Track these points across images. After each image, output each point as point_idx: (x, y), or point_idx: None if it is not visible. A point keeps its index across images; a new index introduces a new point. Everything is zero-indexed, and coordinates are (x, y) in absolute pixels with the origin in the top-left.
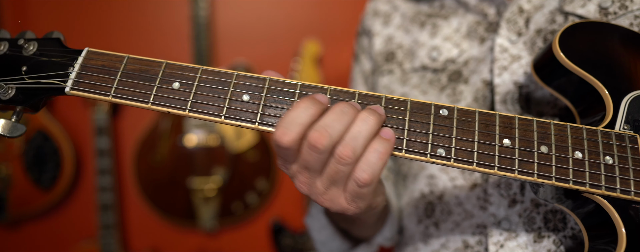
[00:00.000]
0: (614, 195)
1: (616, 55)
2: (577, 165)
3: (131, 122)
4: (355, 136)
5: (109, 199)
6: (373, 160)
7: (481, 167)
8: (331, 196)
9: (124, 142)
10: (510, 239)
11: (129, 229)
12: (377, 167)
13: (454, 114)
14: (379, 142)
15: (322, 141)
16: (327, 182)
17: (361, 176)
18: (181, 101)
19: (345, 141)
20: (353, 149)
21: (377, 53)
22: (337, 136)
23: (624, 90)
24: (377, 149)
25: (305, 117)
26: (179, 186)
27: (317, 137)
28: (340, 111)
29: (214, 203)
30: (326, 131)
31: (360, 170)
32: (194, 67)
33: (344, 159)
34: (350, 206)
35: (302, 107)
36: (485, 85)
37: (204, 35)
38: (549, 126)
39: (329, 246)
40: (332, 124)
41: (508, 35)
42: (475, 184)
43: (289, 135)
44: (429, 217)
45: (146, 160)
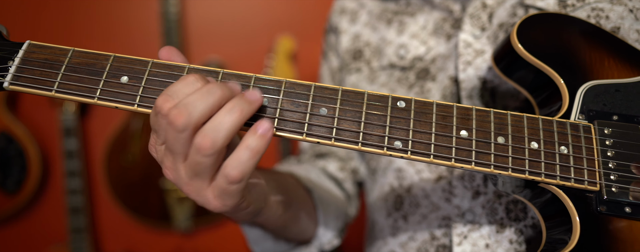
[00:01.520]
0: (568, 184)
1: (572, 47)
2: (533, 155)
3: (101, 122)
4: (216, 127)
5: (79, 202)
6: (244, 158)
7: (438, 159)
8: (196, 187)
9: (94, 142)
10: (474, 230)
11: (101, 233)
12: (249, 166)
13: (412, 106)
14: (253, 139)
15: (180, 119)
16: (190, 172)
17: (231, 172)
18: (130, 96)
19: (204, 131)
20: (212, 141)
21: (345, 51)
22: (197, 117)
23: (579, 81)
24: (249, 145)
25: (191, 89)
26: (152, 187)
27: (175, 114)
28: (206, 90)
29: (188, 203)
30: (186, 109)
31: (230, 167)
32: (144, 61)
33: (202, 150)
34: (216, 201)
35: (190, 79)
36: (451, 82)
37: (174, 32)
38: (506, 116)
39: (262, 245)
40: (194, 102)
41: (472, 30)
42: (441, 177)
43: (170, 102)
44: (397, 210)
45: (117, 161)
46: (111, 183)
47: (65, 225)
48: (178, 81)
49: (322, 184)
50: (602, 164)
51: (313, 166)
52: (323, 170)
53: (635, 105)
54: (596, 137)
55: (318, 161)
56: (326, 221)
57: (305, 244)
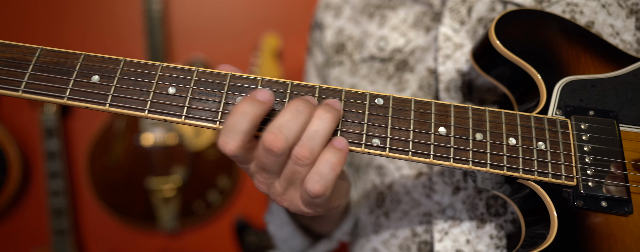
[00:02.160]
0: (546, 180)
1: (549, 43)
2: (511, 151)
3: (83, 122)
4: (312, 135)
5: (61, 204)
6: (325, 171)
7: (417, 157)
8: (290, 197)
9: (76, 143)
10: (454, 226)
11: (85, 234)
12: (330, 179)
13: (390, 103)
14: (332, 153)
15: (278, 143)
16: (285, 183)
17: (313, 187)
18: (101, 95)
19: (302, 141)
20: (310, 149)
21: (328, 45)
22: (293, 138)
23: (556, 77)
24: (329, 159)
25: (244, 123)
26: (136, 187)
27: (272, 139)
28: (294, 110)
29: (174, 203)
30: (281, 133)
31: (312, 181)
32: (116, 59)
33: (301, 159)
34: (307, 209)
35: (239, 112)
36: (429, 73)
37: (158, 30)
38: (484, 113)
39: (290, 243)
40: (287, 124)
41: (451, 24)
42: (421, 173)
43: (231, 144)
44: (379, 207)
45: (101, 161)
46: (94, 184)
47: (48, 227)
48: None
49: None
50: (579, 159)
51: None
52: None
53: (610, 100)
54: (573, 132)
55: None
56: (351, 214)
57: (326, 237)
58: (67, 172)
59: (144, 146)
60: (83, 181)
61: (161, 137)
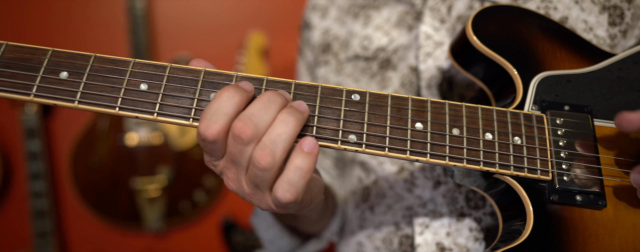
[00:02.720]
0: (521, 175)
1: (526, 38)
2: (488, 146)
3: (65, 122)
4: (274, 139)
5: (43, 205)
6: (295, 179)
7: (393, 152)
8: (259, 198)
9: (58, 143)
10: (435, 220)
11: (68, 236)
12: (300, 186)
13: (366, 98)
14: (301, 158)
15: (247, 131)
16: (251, 184)
17: (284, 196)
18: (69, 92)
19: (263, 143)
20: (272, 154)
21: (316, 45)
22: (262, 127)
23: (532, 72)
24: (298, 166)
25: (229, 106)
26: (121, 188)
27: (241, 126)
28: (267, 100)
29: (159, 203)
30: (251, 121)
31: (283, 190)
32: (86, 55)
33: (260, 164)
34: (279, 209)
35: (225, 96)
36: (411, 71)
37: (141, 28)
38: (461, 108)
39: (277, 244)
40: (257, 113)
41: (432, 22)
42: (403, 168)
43: (213, 127)
44: (365, 201)
45: (84, 162)
46: (78, 185)
47: (30, 229)
48: (213, 100)
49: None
50: (554, 154)
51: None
52: (321, 166)
53: (585, 95)
54: (548, 127)
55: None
56: (339, 212)
57: (315, 237)
58: (49, 173)
59: (128, 145)
60: (66, 182)
61: (146, 136)
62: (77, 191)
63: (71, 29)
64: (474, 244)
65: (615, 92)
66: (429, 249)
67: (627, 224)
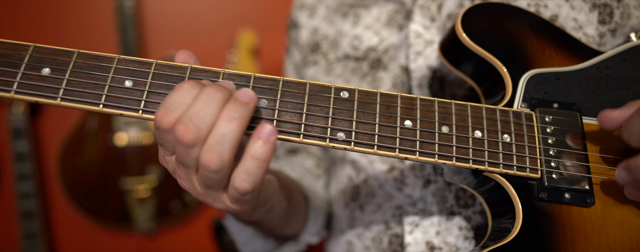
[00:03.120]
0: (511, 172)
1: (515, 36)
2: (477, 144)
3: (53, 122)
4: (220, 140)
5: (31, 207)
6: (252, 168)
7: (382, 150)
8: (212, 196)
9: (46, 144)
10: (425, 218)
11: (57, 238)
12: (258, 175)
13: (355, 96)
14: (257, 146)
15: (188, 135)
16: (203, 184)
17: (241, 185)
18: (51, 89)
19: (208, 147)
20: (219, 156)
21: (304, 45)
22: (205, 128)
23: (522, 69)
24: (255, 154)
25: (189, 98)
26: (110, 188)
27: (183, 129)
28: (206, 97)
29: (149, 204)
30: (193, 123)
31: (239, 179)
32: (69, 51)
33: (209, 166)
34: (234, 206)
35: (185, 88)
36: (402, 71)
37: (130, 27)
38: (450, 106)
39: (251, 246)
40: (198, 113)
41: (422, 21)
42: (393, 167)
43: (170, 116)
44: (354, 200)
45: (73, 162)
46: (66, 186)
47: (17, 231)
48: (173, 91)
49: (308, 180)
50: (543, 152)
51: (291, 162)
52: (302, 166)
53: (574, 93)
54: (537, 125)
55: (293, 157)
56: (315, 215)
57: (292, 240)
58: (37, 174)
59: (117, 145)
60: (54, 182)
61: (136, 136)
62: (66, 192)
63: (59, 28)
64: (464, 243)
65: (603, 90)
66: (418, 248)
67: (615, 222)
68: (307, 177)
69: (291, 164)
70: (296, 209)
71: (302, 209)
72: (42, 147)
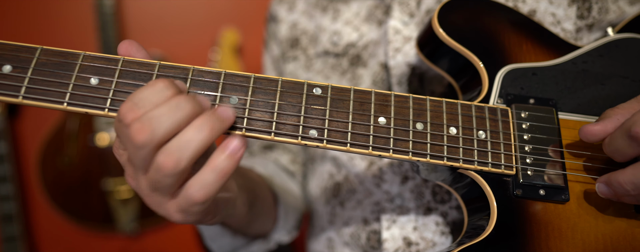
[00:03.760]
0: (485, 169)
1: (492, 30)
2: (452, 141)
3: (33, 123)
4: (182, 146)
5: (11, 209)
6: (210, 180)
7: (355, 148)
8: (156, 200)
9: (26, 145)
10: (402, 215)
11: (38, 240)
12: (214, 188)
13: (328, 92)
14: (221, 159)
15: (141, 135)
16: (150, 186)
17: (194, 194)
18: (13, 87)
19: (168, 149)
20: (176, 161)
21: (283, 39)
22: (160, 135)
23: (498, 65)
24: (217, 167)
25: (158, 98)
26: (92, 189)
27: (137, 128)
28: (175, 105)
29: (133, 204)
30: (150, 125)
31: (193, 189)
32: (31, 48)
33: (163, 169)
34: (177, 215)
35: (158, 87)
36: (382, 68)
37: (110, 26)
38: (425, 102)
39: (218, 242)
40: (159, 118)
41: (401, 17)
42: (372, 163)
43: (135, 112)
44: (335, 197)
45: (53, 163)
46: (47, 187)
47: None
48: (146, 87)
49: (280, 178)
50: (519, 148)
51: (265, 159)
52: (276, 163)
53: (550, 88)
54: (513, 121)
55: (269, 153)
56: (286, 214)
57: (262, 238)
58: (16, 176)
59: (99, 146)
60: (34, 184)
61: None
62: (46, 194)
63: (36, 27)
64: (441, 238)
65: (580, 85)
66: (395, 244)
67: (590, 218)
68: (279, 175)
69: (265, 160)
70: (262, 210)
71: (270, 210)
72: (21, 149)
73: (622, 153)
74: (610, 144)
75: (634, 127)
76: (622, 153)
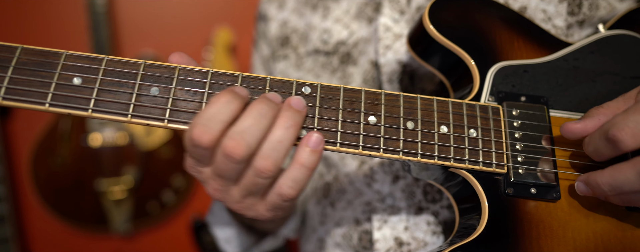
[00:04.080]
0: (477, 168)
1: (483, 28)
2: (442, 140)
3: (25, 123)
4: (275, 147)
5: (3, 211)
6: (299, 176)
7: (345, 147)
8: (248, 204)
9: (18, 146)
10: (393, 214)
11: (31, 242)
12: (304, 183)
13: (318, 91)
14: (307, 155)
15: (239, 150)
16: (244, 192)
17: (287, 192)
18: None
19: (264, 153)
20: (274, 162)
21: (273, 38)
22: (255, 144)
23: (489, 62)
24: (304, 163)
25: (227, 114)
26: (85, 190)
27: (233, 146)
28: (257, 114)
29: (126, 205)
30: (243, 139)
31: (286, 186)
32: (11, 47)
33: (264, 173)
34: (268, 213)
35: (223, 101)
36: (372, 66)
37: (103, 25)
38: (416, 100)
39: (233, 243)
40: (249, 130)
41: (391, 14)
42: (363, 163)
43: (210, 133)
44: (326, 197)
45: (45, 164)
46: (39, 188)
47: None
48: (210, 105)
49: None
50: (510, 146)
51: None
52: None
53: (541, 85)
54: (504, 119)
55: None
56: (296, 209)
57: (271, 235)
58: (8, 177)
59: (92, 146)
60: (26, 185)
61: (110, 137)
62: (38, 195)
63: (27, 27)
64: (432, 238)
65: (571, 82)
66: (387, 244)
67: (580, 216)
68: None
69: None
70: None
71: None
72: (13, 149)
73: (600, 153)
74: (588, 144)
75: (611, 129)
76: (599, 153)
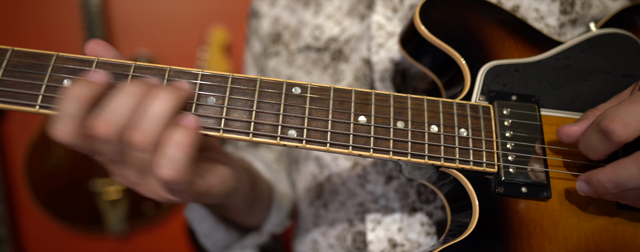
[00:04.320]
0: (467, 167)
1: (474, 27)
2: (433, 139)
3: (19, 124)
4: (146, 118)
5: None
6: (173, 154)
7: (335, 148)
8: (149, 186)
9: (12, 146)
10: (387, 215)
11: (26, 243)
12: (181, 162)
13: (307, 92)
14: (179, 132)
15: (103, 129)
16: (137, 172)
17: (163, 173)
18: None
19: (134, 124)
20: (144, 132)
21: (265, 35)
22: (121, 121)
23: (481, 61)
24: (177, 140)
25: (75, 107)
26: (80, 190)
27: (97, 125)
28: (124, 93)
29: (121, 205)
30: (107, 117)
31: (161, 166)
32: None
33: (136, 144)
34: (172, 196)
35: (69, 95)
36: (364, 63)
37: (97, 26)
38: (406, 100)
39: (213, 237)
40: (114, 108)
41: (384, 12)
42: (356, 163)
43: (62, 130)
44: (319, 198)
45: (40, 165)
46: (34, 189)
47: None
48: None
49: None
50: (501, 145)
51: (253, 155)
52: (262, 160)
53: (532, 84)
54: (495, 118)
55: (254, 150)
56: (280, 202)
57: (255, 230)
58: (2, 178)
59: None
60: (21, 186)
61: None
62: (33, 196)
63: (21, 26)
64: (426, 239)
65: (562, 81)
66: (381, 246)
67: (571, 215)
68: (269, 165)
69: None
70: (261, 194)
71: (267, 196)
72: (7, 150)
73: (595, 150)
74: (583, 141)
75: (603, 120)
76: (595, 150)
